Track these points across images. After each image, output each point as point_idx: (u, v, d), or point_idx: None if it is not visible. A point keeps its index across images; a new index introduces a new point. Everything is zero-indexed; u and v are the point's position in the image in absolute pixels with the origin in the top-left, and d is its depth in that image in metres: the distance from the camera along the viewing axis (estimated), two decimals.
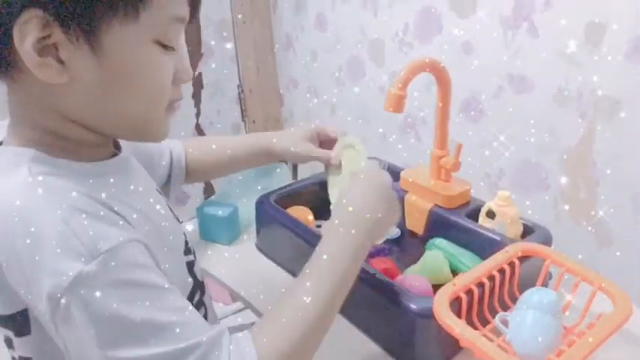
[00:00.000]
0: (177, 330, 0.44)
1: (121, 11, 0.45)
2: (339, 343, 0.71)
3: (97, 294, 0.41)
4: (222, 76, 2.01)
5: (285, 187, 0.94)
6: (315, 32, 1.77)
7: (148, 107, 0.51)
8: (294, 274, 0.86)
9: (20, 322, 0.49)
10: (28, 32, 0.43)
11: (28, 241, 0.42)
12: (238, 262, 0.91)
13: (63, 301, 0.41)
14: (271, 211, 0.88)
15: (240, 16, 1.89)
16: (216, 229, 0.96)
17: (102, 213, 0.45)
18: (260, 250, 0.94)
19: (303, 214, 0.90)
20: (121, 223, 0.46)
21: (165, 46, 0.49)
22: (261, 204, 0.90)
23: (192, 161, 0.83)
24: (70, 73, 0.45)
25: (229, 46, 1.98)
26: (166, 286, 0.46)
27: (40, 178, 0.46)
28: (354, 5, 1.57)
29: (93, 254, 0.42)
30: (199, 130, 2.03)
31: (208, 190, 2.08)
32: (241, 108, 2.10)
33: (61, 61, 0.45)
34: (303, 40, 1.84)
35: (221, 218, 0.94)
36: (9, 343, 0.52)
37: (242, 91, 2.06)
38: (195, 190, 2.05)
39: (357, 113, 1.72)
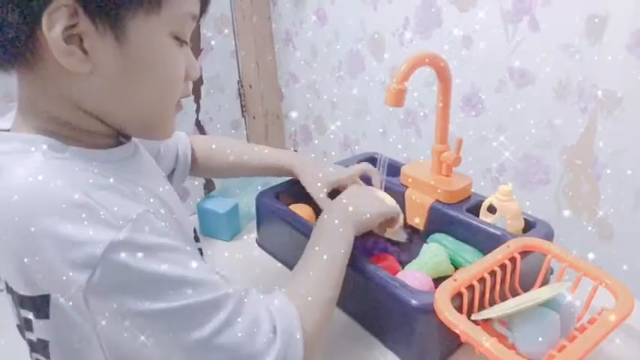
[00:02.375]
0: (209, 283, 0.47)
1: (145, 2, 0.46)
2: (339, 338, 0.71)
3: (131, 258, 0.43)
4: (221, 72, 2.01)
5: (285, 182, 0.94)
6: (314, 27, 1.77)
7: (162, 100, 0.53)
8: None
9: (40, 305, 0.49)
10: (57, 20, 0.44)
11: (52, 221, 0.43)
12: (239, 258, 0.91)
13: (98, 269, 0.42)
14: (272, 207, 0.88)
15: (239, 11, 1.88)
16: (216, 225, 0.96)
17: (119, 188, 0.47)
18: (260, 245, 0.93)
19: (305, 211, 0.89)
20: (136, 195, 0.49)
21: (180, 41, 0.51)
22: (261, 199, 0.90)
23: (204, 156, 0.86)
24: (92, 62, 0.46)
25: (229, 41, 1.98)
26: (189, 250, 0.49)
27: (56, 161, 0.47)
28: None
29: (122, 223, 0.44)
30: (199, 126, 2.03)
31: (208, 186, 2.08)
32: (241, 104, 2.09)
33: (84, 51, 0.46)
34: (303, 35, 1.84)
35: (221, 214, 0.94)
36: (28, 325, 0.52)
37: (242, 87, 2.06)
38: (195, 186, 2.04)
39: (358, 108, 1.71)
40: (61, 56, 0.45)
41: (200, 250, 0.66)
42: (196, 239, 0.65)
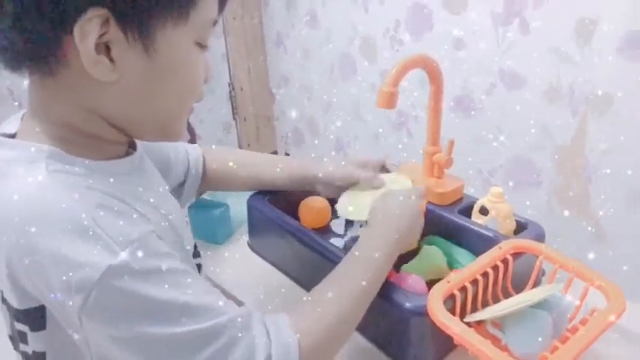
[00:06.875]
0: (208, 309, 0.46)
1: (175, 12, 0.47)
2: None
3: (128, 283, 0.43)
4: (212, 74, 2.00)
5: None
6: (306, 29, 1.77)
7: (181, 105, 0.53)
8: (287, 273, 0.85)
9: (36, 317, 0.49)
10: (90, 30, 0.43)
11: (50, 238, 0.42)
12: (231, 262, 0.91)
13: (94, 293, 0.42)
14: (264, 210, 0.87)
15: (230, 12, 1.87)
16: (207, 228, 0.95)
17: (120, 208, 0.46)
18: (253, 249, 0.93)
19: (319, 204, 0.90)
20: (136, 217, 0.47)
21: (202, 46, 0.52)
22: (253, 202, 0.89)
23: (214, 169, 0.82)
24: (119, 71, 0.46)
25: (220, 43, 1.97)
26: (189, 271, 0.48)
27: (59, 175, 0.46)
28: (344, 1, 1.57)
29: (121, 246, 0.43)
30: (189, 128, 2.02)
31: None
32: (232, 106, 2.09)
33: (111, 59, 0.46)
34: (294, 37, 1.83)
35: (212, 217, 0.93)
36: (23, 338, 0.51)
37: (233, 89, 2.05)
38: None
39: (349, 110, 1.71)
40: (90, 65, 0.45)
41: (199, 265, 0.65)
42: (195, 255, 0.65)
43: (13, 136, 0.51)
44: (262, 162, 0.85)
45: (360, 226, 0.86)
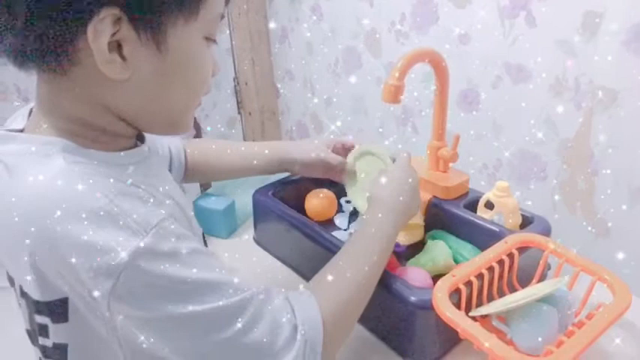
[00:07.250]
0: (232, 285, 0.48)
1: (186, 9, 0.47)
2: None
3: (155, 264, 0.44)
4: (220, 68, 2.00)
5: (282, 179, 0.94)
6: (310, 23, 1.76)
7: (190, 99, 0.54)
8: (292, 267, 0.86)
9: (58, 309, 0.49)
10: (103, 29, 0.44)
11: (75, 226, 0.42)
12: (236, 256, 0.91)
13: (122, 276, 0.42)
14: (269, 204, 0.87)
15: (235, 7, 1.87)
16: (213, 223, 0.95)
17: (139, 194, 0.47)
18: (258, 243, 0.93)
19: (326, 196, 0.91)
20: (154, 202, 0.48)
21: (210, 41, 0.52)
22: (258, 197, 0.90)
23: (195, 160, 0.84)
24: (131, 68, 0.47)
25: (225, 38, 1.97)
26: (207, 251, 0.50)
27: (77, 166, 0.47)
28: None
29: (145, 229, 0.44)
30: (195, 123, 2.02)
31: (205, 184, 2.07)
32: (237, 100, 2.09)
33: (123, 57, 0.46)
34: (299, 31, 1.83)
35: (218, 211, 0.94)
36: (43, 331, 0.52)
37: (238, 84, 2.05)
38: (192, 183, 2.04)
39: (354, 105, 1.71)
40: (103, 64, 0.45)
41: None
42: (204, 244, 0.65)
43: (20, 131, 0.52)
44: (242, 150, 0.87)
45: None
